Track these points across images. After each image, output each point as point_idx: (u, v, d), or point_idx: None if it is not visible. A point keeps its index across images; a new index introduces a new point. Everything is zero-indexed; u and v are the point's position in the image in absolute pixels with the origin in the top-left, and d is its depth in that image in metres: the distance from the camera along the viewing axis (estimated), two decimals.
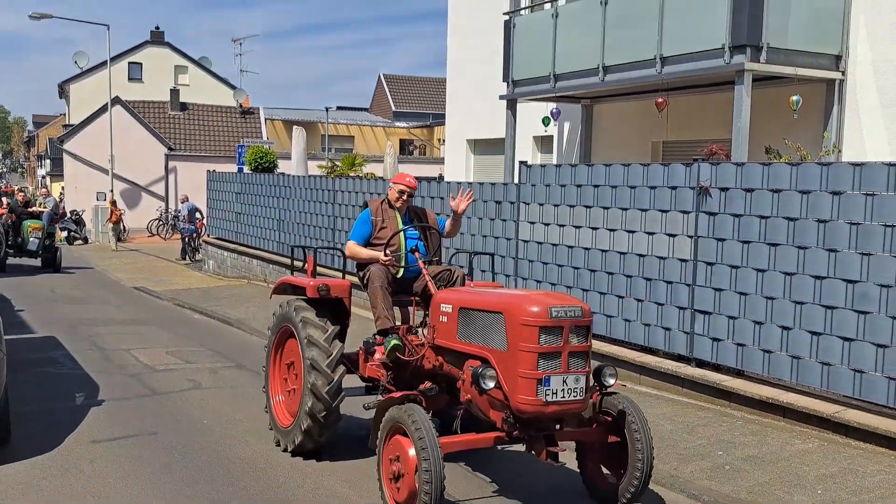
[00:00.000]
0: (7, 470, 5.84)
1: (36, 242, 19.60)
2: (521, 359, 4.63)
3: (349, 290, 6.16)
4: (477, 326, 5.04)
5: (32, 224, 19.67)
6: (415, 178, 6.58)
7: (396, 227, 6.28)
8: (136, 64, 42.03)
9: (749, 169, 7.50)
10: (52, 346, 10.51)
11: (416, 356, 5.72)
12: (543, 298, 4.82)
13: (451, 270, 6.13)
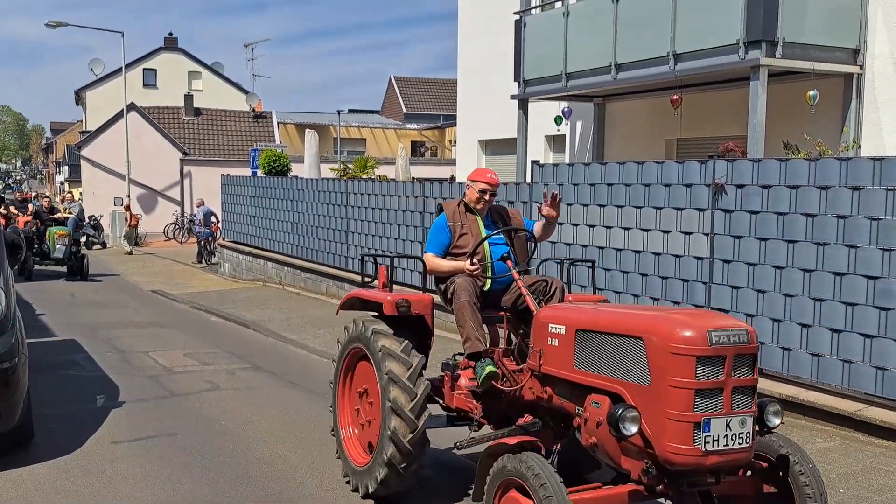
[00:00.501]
0: (30, 471, 5.90)
1: (63, 250, 18.97)
2: (670, 397, 3.68)
3: (432, 306, 5.34)
4: (603, 353, 4.10)
5: (59, 231, 19.07)
6: (496, 173, 5.72)
7: (479, 234, 5.45)
8: (150, 70, 42.34)
9: (766, 165, 7.46)
10: (73, 348, 10.59)
11: (515, 385, 4.90)
12: (696, 319, 3.86)
13: (548, 281, 5.28)
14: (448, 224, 5.53)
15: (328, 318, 12.92)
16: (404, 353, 5.06)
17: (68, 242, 19.02)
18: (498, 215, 5.72)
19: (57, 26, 29.64)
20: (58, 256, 18.96)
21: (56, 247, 18.88)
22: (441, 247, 5.50)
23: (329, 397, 5.94)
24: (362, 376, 5.49)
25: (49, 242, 19.05)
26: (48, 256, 19.06)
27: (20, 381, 5.98)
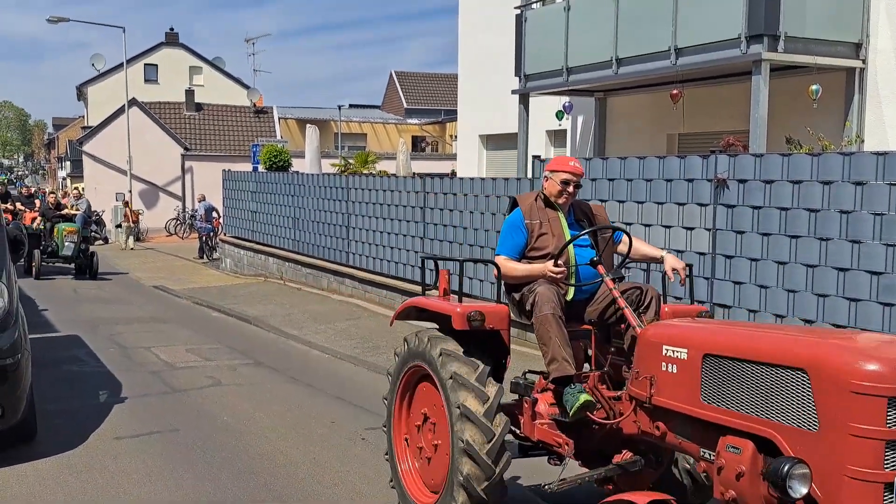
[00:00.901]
0: (34, 466, 5.91)
1: (72, 247, 18.09)
2: (850, 448, 2.90)
3: (508, 320, 4.52)
4: (746, 387, 3.30)
5: (67, 227, 18.19)
6: (579, 161, 4.94)
7: (562, 234, 4.64)
8: (151, 65, 42.28)
9: (768, 160, 7.44)
10: (75, 344, 10.61)
11: (613, 416, 4.20)
12: (882, 348, 3.09)
13: (642, 290, 4.49)
14: (524, 222, 4.69)
15: (329, 313, 12.93)
16: (480, 382, 4.28)
17: (77, 240, 18.21)
18: (581, 212, 4.89)
19: (58, 21, 29.61)
20: (66, 254, 18.19)
21: (65, 244, 18.10)
22: (516, 249, 4.70)
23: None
24: (424, 400, 4.73)
25: (57, 240, 18.27)
26: (56, 254, 18.34)
27: (23, 376, 5.99)
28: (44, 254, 18.24)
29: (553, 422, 4.38)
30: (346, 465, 6.02)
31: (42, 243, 18.43)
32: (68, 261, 18.40)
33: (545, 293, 4.36)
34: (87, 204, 21.74)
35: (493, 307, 4.54)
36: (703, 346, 3.53)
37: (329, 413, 7.46)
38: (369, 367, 9.39)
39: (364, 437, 6.68)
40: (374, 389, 8.45)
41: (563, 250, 4.50)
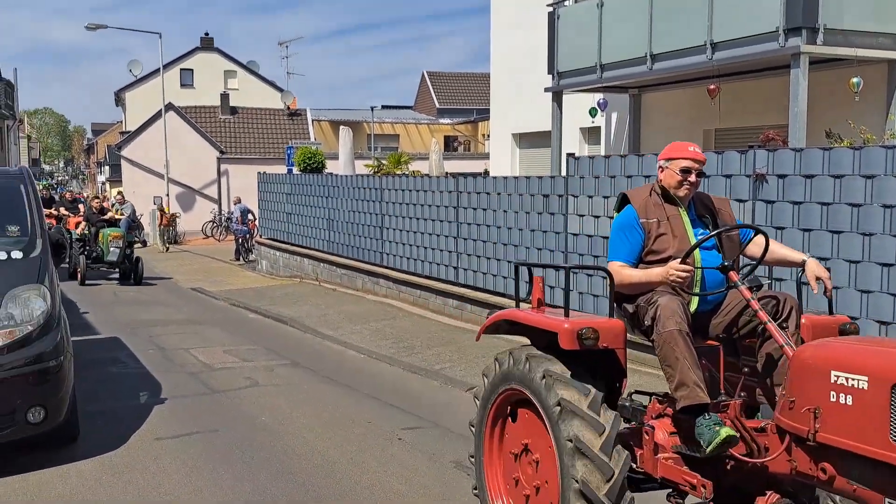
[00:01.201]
0: (76, 467, 6.00)
1: (117, 252, 17.97)
2: None
3: (624, 336, 3.92)
4: None
5: (112, 232, 18.10)
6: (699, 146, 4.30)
7: (684, 233, 4.00)
8: (187, 70, 42.83)
9: (808, 154, 7.31)
10: (116, 346, 10.77)
11: (758, 454, 3.59)
12: None
13: (779, 299, 3.88)
14: (639, 221, 4.03)
15: (364, 313, 12.98)
16: (593, 410, 3.69)
17: (122, 245, 18.10)
18: (703, 206, 4.18)
19: (97, 28, 30.14)
20: (112, 259, 18.09)
21: (110, 249, 17.98)
22: (633, 253, 4.04)
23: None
24: (522, 429, 4.15)
25: (102, 245, 18.14)
26: (101, 260, 18.23)
27: (66, 378, 6.09)
28: (88, 259, 18.17)
29: (678, 455, 3.76)
30: (383, 465, 6.03)
31: (86, 249, 18.43)
32: (113, 266, 18.34)
33: (669, 305, 3.71)
34: (131, 208, 21.61)
35: (607, 322, 3.90)
36: (891, 374, 2.95)
37: (366, 413, 7.48)
38: (405, 367, 9.41)
39: (401, 438, 6.68)
40: (409, 389, 8.48)
41: (689, 254, 3.84)
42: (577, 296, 9.61)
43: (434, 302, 12.89)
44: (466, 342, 10.37)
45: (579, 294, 9.59)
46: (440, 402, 7.94)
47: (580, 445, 3.63)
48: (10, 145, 55.14)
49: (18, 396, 5.73)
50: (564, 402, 3.71)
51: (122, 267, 18.32)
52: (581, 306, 9.29)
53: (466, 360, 9.35)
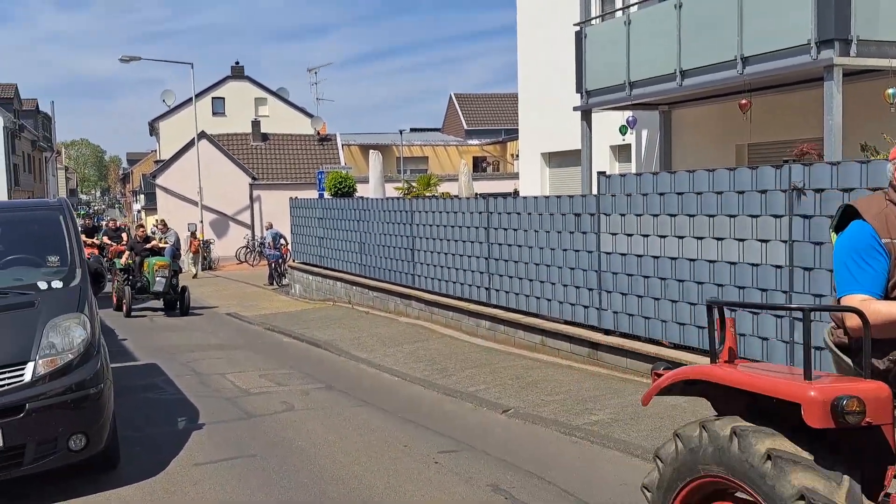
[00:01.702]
0: (118, 493, 6.06)
1: (163, 282, 17.19)
2: None
3: (892, 407, 2.90)
4: None
5: (158, 262, 17.33)
6: None
7: None
8: (219, 99, 43.52)
9: (846, 168, 7.20)
10: (154, 372, 10.89)
11: None
12: None
13: None
14: (880, 241, 3.13)
15: (397, 335, 12.99)
16: (828, 472, 2.83)
17: (168, 274, 17.32)
18: None
19: (130, 61, 30.77)
20: (158, 290, 17.30)
21: (156, 279, 17.20)
22: (878, 283, 3.11)
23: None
24: None
25: (148, 275, 17.36)
26: (146, 290, 17.50)
27: (106, 405, 6.17)
28: (133, 289, 17.54)
29: None
30: (420, 488, 6.00)
31: (131, 279, 17.80)
32: (158, 296, 17.64)
33: None
34: (175, 236, 20.65)
35: (870, 387, 2.89)
36: None
37: (401, 436, 7.46)
38: (439, 390, 9.38)
39: (437, 461, 6.65)
40: (445, 412, 8.45)
41: None
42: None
43: (467, 323, 12.86)
44: (500, 364, 10.32)
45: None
46: (476, 424, 7.90)
47: None
48: (49, 177, 56.36)
49: (60, 424, 5.82)
50: (809, 495, 2.72)
51: (167, 297, 17.65)
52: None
53: (501, 383, 9.31)
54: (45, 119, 55.04)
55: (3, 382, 5.69)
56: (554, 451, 6.89)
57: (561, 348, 10.60)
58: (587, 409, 7.96)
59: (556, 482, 6.04)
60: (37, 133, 47.67)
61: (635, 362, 9.34)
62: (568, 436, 7.29)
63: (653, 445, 6.65)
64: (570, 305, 10.56)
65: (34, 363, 5.81)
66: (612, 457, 6.66)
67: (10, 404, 5.61)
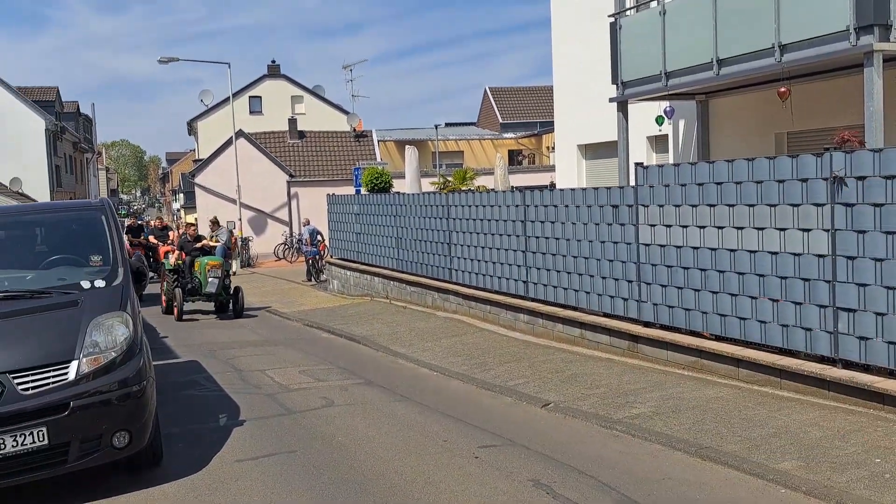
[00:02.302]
0: (161, 489, 6.16)
1: (215, 283, 16.12)
2: None
3: None
4: None
5: (211, 261, 16.32)
6: None
7: None
8: (255, 97, 43.96)
9: (888, 154, 7.03)
10: (195, 369, 11.05)
11: None
12: None
13: None
14: None
15: (435, 330, 13.01)
16: None
17: (221, 275, 16.26)
18: None
19: (168, 62, 31.20)
20: (210, 291, 16.19)
21: (208, 280, 16.14)
22: None
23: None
24: None
25: (199, 276, 16.32)
26: (198, 292, 16.48)
27: (149, 402, 6.27)
28: (184, 291, 16.49)
29: None
30: (461, 484, 6.01)
31: (181, 280, 16.74)
32: (210, 298, 16.55)
33: None
34: (227, 234, 19.43)
35: None
36: None
37: (441, 431, 7.47)
38: (479, 385, 9.37)
39: (478, 456, 6.65)
40: (484, 406, 8.44)
41: None
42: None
43: (504, 317, 12.83)
44: (539, 357, 10.28)
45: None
46: (515, 419, 7.88)
47: None
48: (90, 177, 57.42)
49: (104, 422, 5.92)
50: None
51: (220, 299, 16.61)
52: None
53: (540, 377, 9.27)
54: (87, 121, 56.06)
55: (47, 381, 5.80)
56: (595, 445, 6.84)
57: (600, 341, 10.53)
58: (628, 402, 7.89)
59: (597, 476, 6.00)
60: (78, 135, 48.56)
61: (676, 355, 9.24)
62: (609, 429, 7.23)
63: (694, 439, 6.60)
64: (609, 298, 10.48)
65: (78, 362, 5.92)
66: (653, 450, 6.59)
67: (55, 402, 5.73)
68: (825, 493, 5.36)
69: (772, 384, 7.97)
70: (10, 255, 7.35)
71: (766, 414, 7.09)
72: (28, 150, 38.18)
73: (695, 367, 8.93)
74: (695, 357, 8.98)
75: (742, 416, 7.08)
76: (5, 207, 11.48)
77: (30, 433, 5.62)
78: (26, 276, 6.96)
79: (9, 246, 7.47)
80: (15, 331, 6.05)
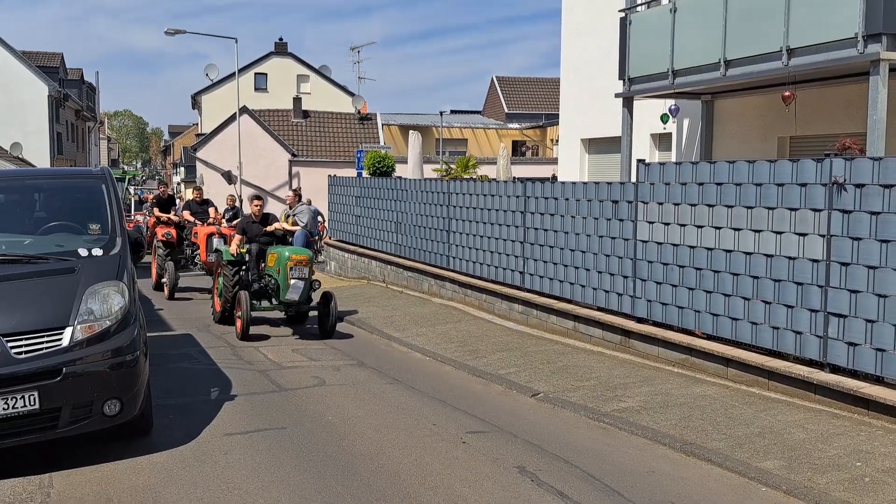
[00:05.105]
0: (149, 459, 6.22)
1: (300, 287, 11.20)
2: None
3: None
4: None
5: (295, 255, 11.29)
6: None
7: None
8: (261, 74, 43.88)
9: (888, 164, 7.07)
10: (188, 343, 11.09)
11: None
12: None
13: None
14: None
15: (430, 316, 13.06)
16: None
17: (308, 274, 11.31)
18: None
19: (175, 34, 31.03)
20: (292, 298, 11.24)
21: (289, 282, 11.25)
22: None
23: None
24: None
25: (276, 275, 11.43)
26: (269, 296, 11.77)
27: (142, 372, 6.32)
28: (252, 296, 11.51)
29: None
30: (447, 468, 6.07)
31: (242, 279, 11.89)
32: (290, 307, 11.71)
33: None
34: (309, 214, 14.61)
35: None
36: None
37: (430, 415, 7.53)
38: (470, 371, 9.44)
39: (465, 441, 6.71)
40: (474, 393, 8.51)
41: None
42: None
43: (500, 306, 12.89)
44: (531, 348, 10.34)
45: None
46: (505, 406, 7.95)
47: None
48: (92, 146, 57.28)
49: (96, 389, 5.96)
50: None
51: (303, 308, 11.87)
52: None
53: (531, 366, 9.33)
54: (90, 89, 55.85)
55: (41, 346, 5.84)
56: (582, 436, 6.91)
57: (593, 335, 10.59)
58: (617, 395, 7.96)
59: (582, 466, 6.07)
60: (81, 102, 48.38)
61: (667, 351, 9.31)
62: (596, 421, 7.30)
63: (680, 435, 6.67)
64: (604, 292, 10.53)
65: (72, 328, 5.97)
66: (639, 444, 6.66)
67: (48, 368, 5.77)
68: (805, 494, 5.43)
69: (760, 385, 8.04)
70: (8, 220, 7.36)
71: (751, 413, 7.16)
72: (30, 116, 38.06)
73: (685, 365, 9.00)
74: (685, 354, 9.04)
75: (728, 415, 7.15)
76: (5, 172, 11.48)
77: (21, 397, 5.67)
78: (24, 241, 6.98)
79: (7, 210, 7.47)
80: (10, 295, 6.08)
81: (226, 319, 12.20)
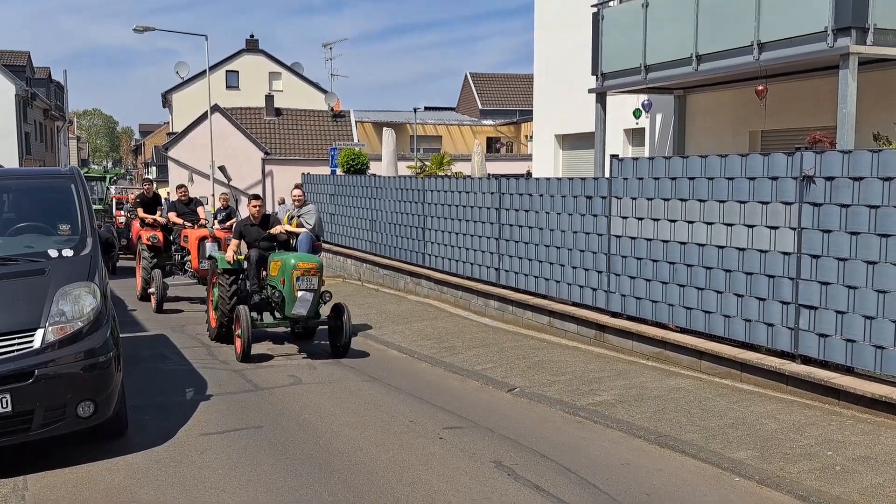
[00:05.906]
0: (125, 460, 6.16)
1: (308, 300, 9.84)
2: None
3: None
4: None
5: (302, 262, 9.89)
6: None
7: None
8: (233, 72, 43.57)
9: (857, 157, 7.18)
10: (162, 343, 10.99)
11: None
12: None
13: None
14: None
15: (406, 313, 13.05)
16: None
17: (317, 285, 9.95)
18: None
19: (144, 31, 30.72)
20: (300, 313, 9.91)
21: (296, 294, 9.81)
22: None
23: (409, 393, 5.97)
24: None
25: (280, 286, 10.01)
26: (272, 309, 10.44)
27: (115, 373, 6.25)
28: (252, 309, 10.27)
29: None
30: (424, 463, 6.08)
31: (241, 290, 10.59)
32: (297, 322, 10.34)
33: None
34: (316, 214, 12.66)
35: None
36: None
37: (407, 412, 7.53)
38: (446, 368, 9.45)
39: (442, 437, 6.73)
40: (450, 389, 8.52)
41: None
42: None
43: (475, 303, 12.91)
44: (507, 343, 10.37)
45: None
46: (481, 402, 7.97)
47: None
48: (61, 146, 56.54)
49: (69, 391, 5.90)
50: None
51: (311, 324, 10.42)
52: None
53: (507, 362, 9.36)
54: (58, 88, 55.13)
55: (12, 348, 5.77)
56: (558, 430, 6.95)
57: (568, 329, 10.65)
58: (592, 389, 8.01)
59: (558, 460, 6.10)
60: (49, 102, 47.75)
61: (641, 345, 9.38)
62: (572, 415, 7.34)
63: (655, 427, 6.73)
64: (578, 288, 10.59)
65: (44, 330, 5.89)
66: (614, 437, 6.71)
67: (20, 370, 5.70)
68: (777, 483, 5.51)
69: (732, 377, 8.13)
70: None
71: (725, 405, 7.24)
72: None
73: (659, 358, 9.08)
74: (660, 348, 9.12)
75: (702, 407, 7.22)
76: None
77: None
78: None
79: None
80: None
81: (223, 337, 10.76)
